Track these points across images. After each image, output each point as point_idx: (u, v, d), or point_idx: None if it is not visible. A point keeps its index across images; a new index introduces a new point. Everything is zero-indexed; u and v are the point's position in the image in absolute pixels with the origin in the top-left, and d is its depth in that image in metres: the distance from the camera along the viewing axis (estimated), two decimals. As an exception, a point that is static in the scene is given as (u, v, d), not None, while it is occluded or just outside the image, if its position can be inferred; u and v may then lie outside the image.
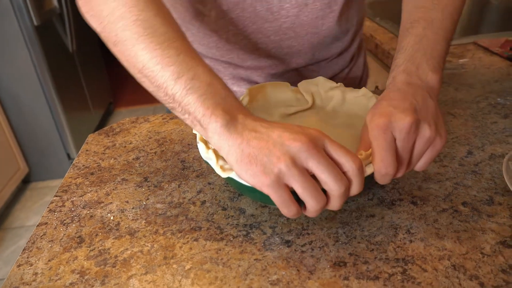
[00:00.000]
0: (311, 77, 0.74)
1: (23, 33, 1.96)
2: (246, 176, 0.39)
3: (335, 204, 0.40)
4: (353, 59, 0.83)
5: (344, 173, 0.39)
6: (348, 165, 0.39)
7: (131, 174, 0.61)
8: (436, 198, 0.51)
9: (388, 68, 1.08)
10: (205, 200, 0.54)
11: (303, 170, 0.38)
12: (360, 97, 0.60)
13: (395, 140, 0.42)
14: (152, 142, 0.70)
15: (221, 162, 0.47)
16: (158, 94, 0.44)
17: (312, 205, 0.39)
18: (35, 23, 1.96)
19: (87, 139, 0.73)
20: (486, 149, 0.59)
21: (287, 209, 0.39)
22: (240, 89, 0.76)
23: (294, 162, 0.37)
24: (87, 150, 0.69)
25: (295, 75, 0.74)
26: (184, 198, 0.55)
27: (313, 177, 0.39)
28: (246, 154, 0.38)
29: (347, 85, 0.65)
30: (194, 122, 0.42)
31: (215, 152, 0.48)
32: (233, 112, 0.41)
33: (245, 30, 0.68)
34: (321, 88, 0.64)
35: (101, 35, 0.47)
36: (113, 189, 0.58)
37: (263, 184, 0.38)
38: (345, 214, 0.49)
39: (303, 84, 0.65)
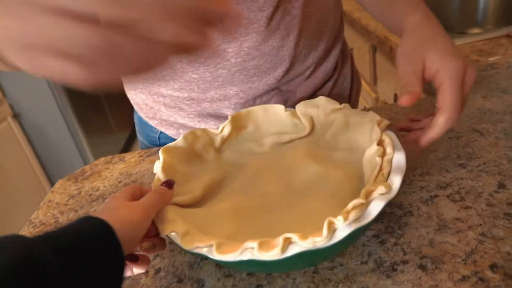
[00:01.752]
0: (288, 98, 0.62)
1: (39, 64, 1.97)
2: None
3: None
4: (337, 69, 0.71)
5: None
6: None
7: (87, 232, 0.52)
8: (453, 258, 0.38)
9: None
10: (160, 268, 0.44)
11: None
12: (366, 123, 0.48)
13: None
14: (121, 187, 0.61)
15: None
16: None
17: None
18: (50, 53, 1.97)
19: (54, 186, 0.65)
20: (524, 179, 0.45)
21: None
22: (209, 127, 0.66)
23: None
24: (49, 201, 0.61)
25: (269, 99, 0.64)
26: (137, 264, 0.45)
27: None
28: None
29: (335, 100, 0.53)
30: None
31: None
32: None
33: (200, 55, 0.58)
34: (322, 111, 0.53)
35: None
36: (62, 254, 0.49)
37: None
38: (329, 287, 0.37)
39: (301, 106, 0.53)
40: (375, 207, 0.34)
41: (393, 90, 1.06)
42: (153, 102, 0.67)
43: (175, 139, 0.70)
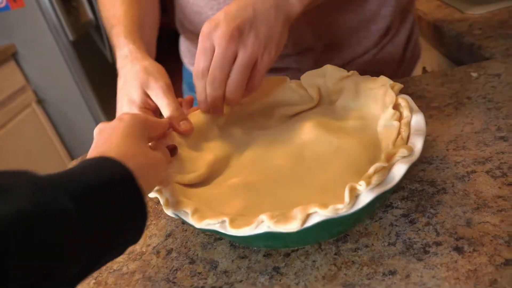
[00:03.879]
0: (319, 66, 0.58)
1: (60, 49, 1.98)
2: None
3: None
4: (389, 33, 0.63)
5: None
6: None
7: (98, 212, 0.50)
8: (494, 240, 0.33)
9: (438, 46, 0.87)
10: (172, 249, 0.41)
11: None
12: (377, 89, 0.44)
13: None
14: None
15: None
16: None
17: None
18: (71, 38, 1.97)
19: (71, 162, 0.64)
20: None
21: None
22: None
23: None
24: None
25: (296, 63, 0.60)
26: (149, 245, 0.43)
27: None
28: None
29: (378, 71, 0.49)
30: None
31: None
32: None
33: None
34: (329, 80, 0.49)
35: None
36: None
37: None
38: (353, 270, 0.34)
39: (306, 77, 0.50)
40: (398, 171, 0.32)
41: (421, 64, 1.00)
42: (195, 49, 0.69)
43: None
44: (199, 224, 0.32)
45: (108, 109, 2.26)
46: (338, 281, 0.33)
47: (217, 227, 0.32)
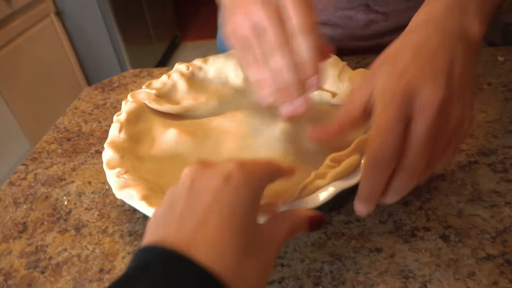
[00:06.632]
0: (376, 20, 0.59)
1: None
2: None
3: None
4: None
5: None
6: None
7: (108, 146, 0.52)
8: (481, 234, 0.35)
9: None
10: (173, 193, 0.43)
11: None
12: None
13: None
14: (146, 104, 0.59)
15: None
16: None
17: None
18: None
19: (81, 93, 0.65)
20: None
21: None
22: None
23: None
24: (75, 108, 0.61)
25: (353, 14, 0.60)
26: (152, 186, 0.45)
27: None
28: None
29: None
30: None
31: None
32: None
33: None
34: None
35: None
36: (82, 163, 0.50)
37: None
38: (341, 241, 0.36)
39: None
40: None
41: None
42: None
43: None
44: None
45: (126, 31, 2.21)
46: (325, 250, 0.35)
47: None
